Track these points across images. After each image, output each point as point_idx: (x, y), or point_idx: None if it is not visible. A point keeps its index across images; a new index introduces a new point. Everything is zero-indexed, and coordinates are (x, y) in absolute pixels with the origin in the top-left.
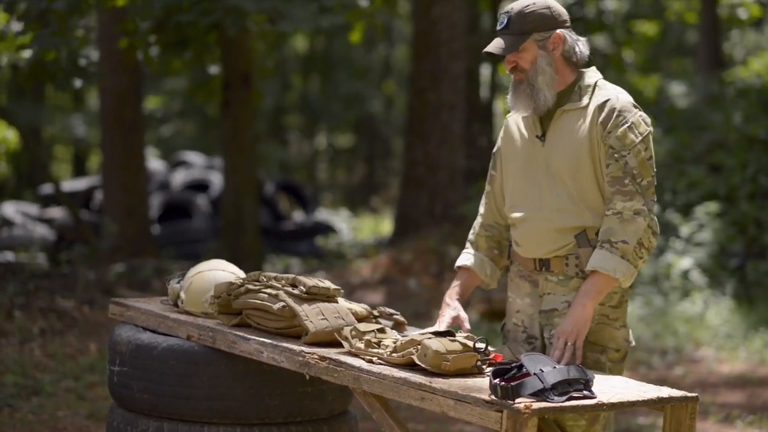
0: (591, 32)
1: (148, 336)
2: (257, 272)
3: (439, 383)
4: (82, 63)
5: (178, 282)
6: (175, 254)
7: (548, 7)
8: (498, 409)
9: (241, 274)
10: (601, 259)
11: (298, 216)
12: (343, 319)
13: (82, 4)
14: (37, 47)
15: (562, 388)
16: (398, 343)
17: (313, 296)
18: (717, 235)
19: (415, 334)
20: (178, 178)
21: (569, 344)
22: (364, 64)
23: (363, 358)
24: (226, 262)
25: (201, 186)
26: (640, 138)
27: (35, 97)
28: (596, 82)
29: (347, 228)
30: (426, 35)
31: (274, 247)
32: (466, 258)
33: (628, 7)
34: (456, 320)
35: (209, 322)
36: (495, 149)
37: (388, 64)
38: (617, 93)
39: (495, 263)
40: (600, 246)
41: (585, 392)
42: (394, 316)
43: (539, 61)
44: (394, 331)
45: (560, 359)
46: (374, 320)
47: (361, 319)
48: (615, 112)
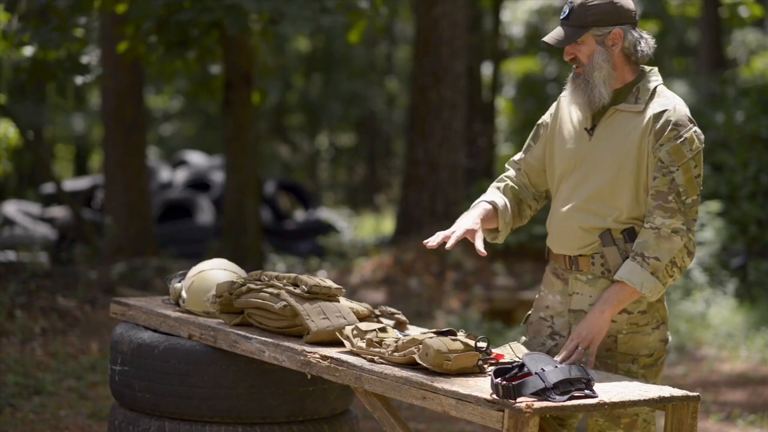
0: None
1: (149, 335)
2: (259, 271)
3: (441, 382)
4: (84, 61)
5: (180, 281)
6: (177, 254)
7: (612, 2)
8: (499, 409)
9: (243, 273)
10: (631, 271)
11: (300, 215)
12: (345, 318)
13: (84, 3)
14: (36, 43)
15: (564, 387)
16: (400, 342)
17: (315, 295)
18: (718, 234)
19: (417, 333)
20: (180, 177)
21: (580, 348)
22: (366, 63)
23: (364, 358)
24: (228, 261)
25: (202, 185)
26: (692, 155)
27: (36, 96)
28: (656, 88)
29: (349, 227)
30: (428, 34)
31: (276, 247)
32: (495, 196)
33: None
34: (470, 233)
35: (211, 322)
36: (540, 121)
37: (390, 62)
38: (675, 103)
39: (513, 217)
40: (632, 258)
41: (586, 391)
42: (396, 315)
43: (596, 57)
44: (395, 330)
45: (565, 360)
46: (376, 319)
47: (362, 318)
48: (670, 125)
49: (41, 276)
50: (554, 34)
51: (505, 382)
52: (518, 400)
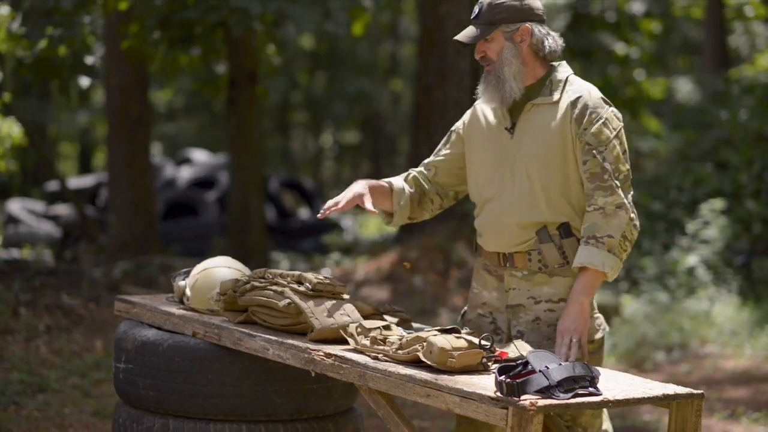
0: (596, 29)
1: (153, 333)
2: (263, 269)
3: (445, 380)
4: (89, 62)
5: (184, 279)
6: (181, 251)
7: (520, 0)
8: (503, 406)
9: (247, 271)
10: (589, 255)
11: (304, 213)
12: (349, 316)
13: (88, 1)
14: (35, 36)
15: (568, 385)
16: (404, 340)
17: (319, 293)
18: (723, 232)
19: (421, 331)
20: (184, 175)
21: (574, 341)
22: (370, 61)
23: (368, 355)
24: (232, 259)
25: (207, 183)
26: (614, 133)
27: (41, 93)
28: (567, 78)
29: (353, 225)
30: (432, 32)
31: (280, 245)
32: (394, 179)
33: (638, 7)
34: (358, 198)
35: (215, 319)
36: (454, 128)
37: (395, 61)
38: (588, 89)
39: (410, 205)
40: (585, 242)
41: (590, 389)
42: (400, 313)
43: (506, 52)
44: (399, 328)
45: (568, 356)
46: (380, 317)
47: (366, 316)
48: (589, 109)
49: (45, 274)
50: (465, 32)
51: (509, 380)
52: (522, 397)
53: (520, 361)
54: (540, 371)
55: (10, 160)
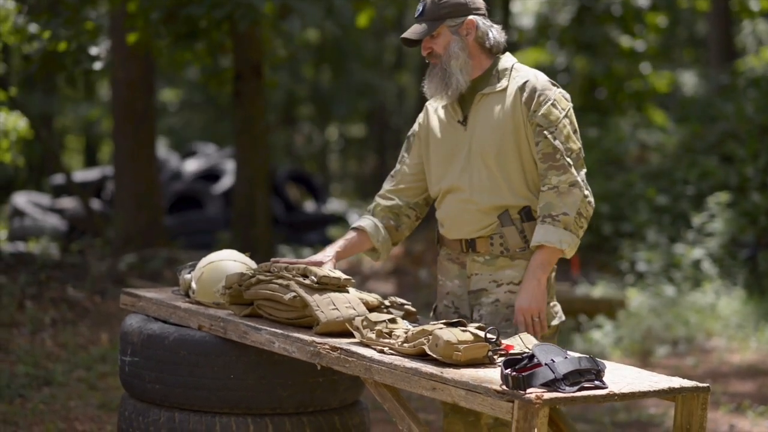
0: (601, 22)
1: (159, 326)
2: (268, 263)
3: (451, 373)
4: (93, 52)
5: (190, 272)
6: (187, 244)
7: None
8: (509, 400)
9: (253, 264)
10: (545, 233)
11: (309, 206)
12: (355, 309)
13: None
14: (45, 29)
15: (574, 378)
16: (409, 333)
17: (325, 286)
18: (728, 225)
19: (427, 324)
20: (190, 168)
21: (535, 319)
22: (376, 55)
23: (374, 348)
24: (238, 252)
25: (212, 176)
26: (564, 113)
27: (46, 87)
28: (513, 66)
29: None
30: None
31: (285, 238)
32: (362, 220)
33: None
34: (316, 264)
35: (220, 313)
36: (410, 133)
37: (400, 54)
38: (535, 73)
39: (389, 234)
40: (542, 221)
41: (596, 382)
42: (405, 306)
43: (452, 46)
44: (405, 321)
45: (534, 333)
46: (385, 310)
47: (372, 309)
48: (537, 92)
49: (51, 267)
50: (412, 29)
51: (514, 373)
52: (528, 391)
53: (525, 355)
54: (546, 364)
55: (16, 153)
